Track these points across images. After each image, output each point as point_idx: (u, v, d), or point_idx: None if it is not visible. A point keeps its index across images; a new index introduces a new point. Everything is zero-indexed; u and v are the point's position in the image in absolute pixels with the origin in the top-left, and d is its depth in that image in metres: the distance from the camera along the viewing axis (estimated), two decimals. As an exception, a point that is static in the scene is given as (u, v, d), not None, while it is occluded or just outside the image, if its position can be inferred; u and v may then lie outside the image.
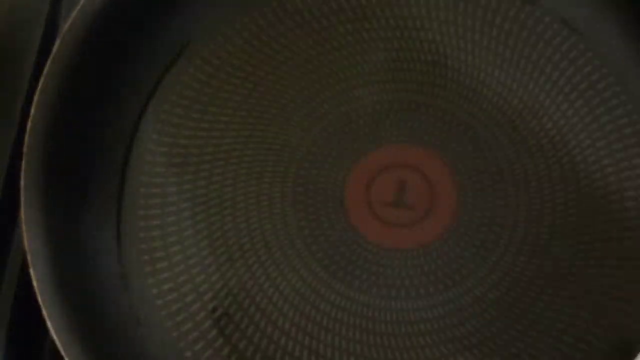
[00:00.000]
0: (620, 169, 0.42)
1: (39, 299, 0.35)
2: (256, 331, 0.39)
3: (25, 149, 0.38)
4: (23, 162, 0.38)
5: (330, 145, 0.43)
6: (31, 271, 0.36)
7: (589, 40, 0.45)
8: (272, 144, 0.43)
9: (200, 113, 0.44)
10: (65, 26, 0.40)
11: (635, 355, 0.34)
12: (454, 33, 0.45)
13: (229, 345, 0.39)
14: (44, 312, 0.35)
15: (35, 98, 0.39)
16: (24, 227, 0.36)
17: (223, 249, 0.41)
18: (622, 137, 0.42)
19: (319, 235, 0.41)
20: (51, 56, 0.39)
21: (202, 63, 0.45)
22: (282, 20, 0.46)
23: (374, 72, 0.44)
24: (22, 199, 0.37)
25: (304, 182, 0.42)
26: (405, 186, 0.42)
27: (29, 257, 0.36)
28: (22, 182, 0.37)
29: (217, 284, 0.40)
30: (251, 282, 0.40)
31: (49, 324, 0.35)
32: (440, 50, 0.45)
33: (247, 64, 0.45)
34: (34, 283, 0.35)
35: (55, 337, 0.34)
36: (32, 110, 0.38)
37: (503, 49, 0.45)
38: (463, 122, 0.43)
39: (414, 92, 0.44)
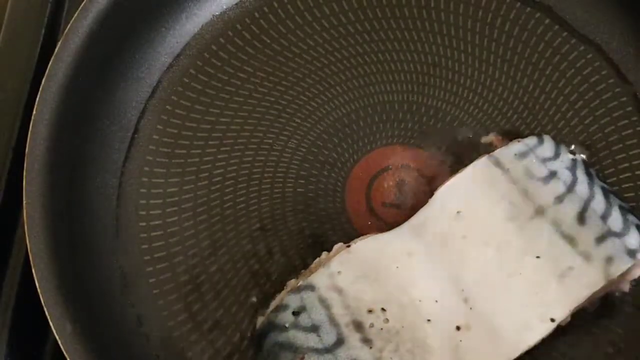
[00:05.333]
0: (619, 170, 0.42)
1: (41, 299, 0.35)
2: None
3: (27, 150, 0.38)
4: (25, 163, 0.38)
5: (331, 146, 0.43)
6: (33, 271, 0.36)
7: (589, 42, 0.45)
8: (272, 145, 0.43)
9: (202, 114, 0.44)
10: (67, 27, 0.40)
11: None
12: (454, 35, 0.45)
13: (230, 344, 0.39)
14: (46, 312, 0.35)
15: (37, 99, 0.39)
16: (26, 228, 0.36)
17: (224, 249, 0.41)
18: (621, 138, 0.42)
19: (320, 236, 0.41)
20: (53, 57, 0.39)
21: (204, 64, 0.45)
22: (283, 21, 0.46)
23: (375, 73, 0.45)
24: (24, 199, 0.37)
25: (305, 183, 0.42)
26: (406, 187, 0.42)
27: (31, 258, 0.36)
28: (24, 183, 0.37)
29: (218, 284, 0.40)
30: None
31: (51, 323, 0.35)
32: (441, 52, 0.45)
33: (248, 65, 0.45)
34: (36, 283, 0.35)
35: (57, 336, 0.34)
36: (34, 111, 0.38)
37: (503, 51, 0.45)
38: (463, 123, 0.43)
39: (414, 93, 0.44)
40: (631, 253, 0.37)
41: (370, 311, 0.36)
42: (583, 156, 0.41)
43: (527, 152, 0.39)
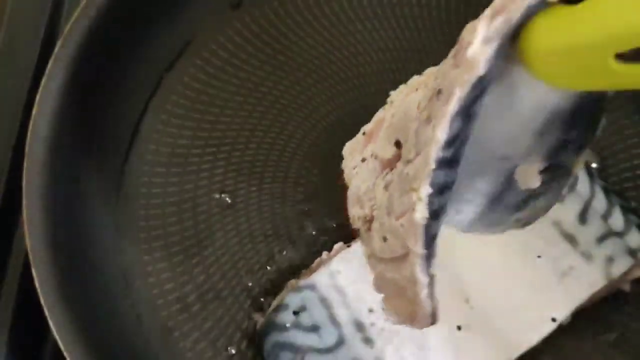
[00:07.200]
0: (621, 170, 0.42)
1: (41, 299, 0.35)
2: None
3: (26, 150, 0.38)
4: (25, 163, 0.38)
5: (331, 145, 0.43)
6: (33, 271, 0.36)
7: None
8: (273, 144, 0.43)
9: (202, 113, 0.44)
10: (67, 27, 0.40)
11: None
12: (455, 34, 0.45)
13: (230, 344, 0.39)
14: (46, 312, 0.35)
15: (37, 98, 0.39)
16: (25, 228, 0.36)
17: (224, 249, 0.41)
18: (623, 138, 0.42)
19: (321, 235, 0.41)
20: (53, 56, 0.39)
21: (204, 63, 0.45)
22: (284, 20, 0.46)
23: (375, 73, 0.45)
24: (24, 199, 0.37)
25: (305, 182, 0.42)
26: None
27: (30, 258, 0.36)
28: (23, 183, 0.37)
29: (219, 284, 0.40)
30: (253, 282, 0.40)
31: (50, 323, 0.35)
32: (442, 51, 0.45)
33: (248, 64, 0.45)
34: (36, 283, 0.35)
35: (57, 336, 0.34)
36: (34, 111, 0.38)
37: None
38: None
39: (415, 92, 0.44)
40: (632, 253, 0.37)
41: (371, 311, 0.36)
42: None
43: None
